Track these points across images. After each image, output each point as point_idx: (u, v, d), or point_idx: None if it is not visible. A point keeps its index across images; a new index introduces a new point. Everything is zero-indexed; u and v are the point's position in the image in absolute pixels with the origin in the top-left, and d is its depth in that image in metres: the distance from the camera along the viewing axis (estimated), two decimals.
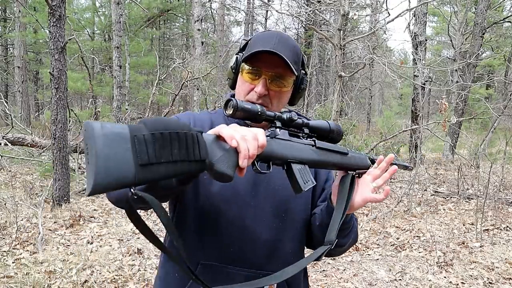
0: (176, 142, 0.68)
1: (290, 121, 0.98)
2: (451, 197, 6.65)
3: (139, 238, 4.43)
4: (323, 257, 1.09)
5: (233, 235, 1.07)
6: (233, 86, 1.18)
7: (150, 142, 0.65)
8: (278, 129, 0.95)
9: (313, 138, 1.01)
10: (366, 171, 1.09)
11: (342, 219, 1.03)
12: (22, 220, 4.78)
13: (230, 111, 0.89)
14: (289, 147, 0.94)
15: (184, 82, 7.24)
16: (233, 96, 1.21)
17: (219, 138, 0.80)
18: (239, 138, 0.78)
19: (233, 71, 1.15)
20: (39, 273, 3.48)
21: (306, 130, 1.02)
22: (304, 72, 1.16)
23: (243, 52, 1.13)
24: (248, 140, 0.79)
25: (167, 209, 0.90)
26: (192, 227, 1.10)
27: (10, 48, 20.45)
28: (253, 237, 1.09)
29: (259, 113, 0.91)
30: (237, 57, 1.15)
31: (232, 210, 1.09)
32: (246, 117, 0.90)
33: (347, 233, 1.12)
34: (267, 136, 0.90)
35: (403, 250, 4.45)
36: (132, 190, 0.63)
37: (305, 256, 1.11)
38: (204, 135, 0.77)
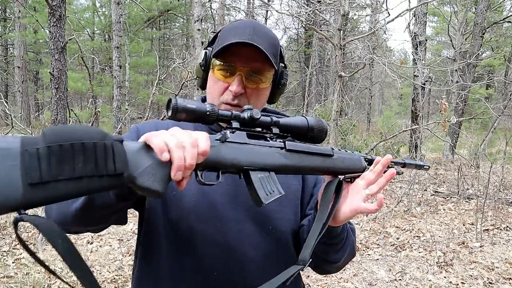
0: (80, 155, 0.58)
1: (252, 120, 0.83)
2: (451, 197, 6.65)
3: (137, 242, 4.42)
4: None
5: (215, 256, 0.93)
6: (203, 85, 1.03)
7: (44, 156, 0.54)
8: (229, 131, 0.80)
9: (285, 139, 0.87)
10: (360, 175, 0.93)
11: (321, 233, 0.88)
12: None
13: (169, 113, 0.74)
14: (246, 151, 0.80)
15: (184, 82, 7.24)
16: (204, 99, 1.07)
17: (147, 146, 0.67)
18: (174, 145, 0.66)
19: (202, 68, 1.00)
20: (39, 273, 3.48)
21: (276, 130, 0.86)
22: (283, 65, 1.02)
23: (214, 46, 0.98)
24: (185, 147, 0.66)
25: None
26: (164, 249, 0.96)
27: (10, 48, 20.45)
28: (238, 257, 0.95)
29: (208, 113, 0.77)
30: (206, 52, 0.99)
31: (210, 228, 0.95)
32: (192, 119, 0.77)
33: (340, 247, 0.98)
34: (216, 140, 0.76)
35: (403, 250, 4.45)
36: (18, 213, 0.53)
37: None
38: (127, 143, 0.66)
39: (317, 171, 0.90)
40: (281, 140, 0.86)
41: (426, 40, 11.14)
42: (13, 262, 3.69)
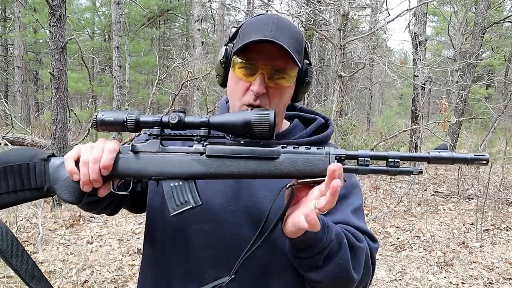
0: (12, 174, 0.78)
1: (177, 123, 0.78)
2: (451, 197, 6.65)
3: (139, 238, 4.43)
4: None
5: (206, 258, 0.89)
6: (223, 83, 0.99)
7: None
8: (141, 141, 0.80)
9: (208, 142, 0.79)
10: (323, 180, 0.72)
11: (255, 244, 0.82)
12: (22, 220, 4.78)
13: (95, 127, 0.80)
14: (155, 161, 0.78)
15: (184, 82, 7.24)
16: (227, 101, 1.05)
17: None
18: (80, 162, 0.75)
19: (223, 65, 0.95)
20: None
21: (204, 131, 0.79)
22: (308, 62, 0.96)
23: (235, 43, 0.94)
24: (88, 164, 0.74)
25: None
26: (161, 247, 0.96)
27: (10, 48, 20.45)
28: (231, 262, 0.89)
29: (125, 122, 0.78)
30: (226, 49, 0.94)
31: (204, 230, 0.92)
32: (114, 129, 0.79)
33: (314, 266, 0.82)
34: (129, 151, 0.78)
35: (403, 250, 4.45)
36: None
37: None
38: (55, 159, 0.81)
39: (253, 176, 0.77)
40: (204, 143, 0.79)
41: (426, 40, 11.14)
42: None
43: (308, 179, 0.75)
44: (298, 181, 0.76)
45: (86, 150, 0.77)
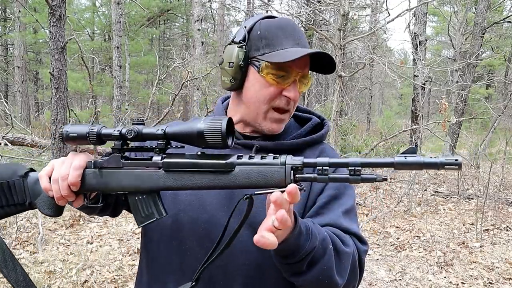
0: None
1: (133, 138, 0.78)
2: (451, 197, 6.65)
3: (139, 238, 4.42)
4: None
5: (199, 259, 0.87)
6: (239, 86, 0.96)
7: None
8: (102, 157, 0.83)
9: (164, 156, 0.79)
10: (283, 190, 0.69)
11: (216, 252, 0.80)
12: (22, 220, 4.78)
13: (62, 141, 0.84)
14: (117, 176, 0.80)
15: (184, 82, 7.24)
16: (225, 99, 1.08)
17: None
18: (52, 179, 0.81)
19: (242, 69, 0.93)
20: (39, 273, 3.48)
21: (161, 144, 0.79)
22: None
23: (255, 45, 0.93)
24: (58, 181, 0.80)
25: None
26: (156, 246, 0.98)
27: (10, 48, 20.45)
28: (224, 262, 0.90)
29: (88, 136, 0.80)
30: (245, 52, 0.92)
31: (198, 229, 0.92)
32: (79, 143, 0.82)
33: (295, 272, 0.81)
34: (92, 167, 0.81)
35: (403, 250, 4.45)
36: None
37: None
38: (33, 174, 0.88)
39: (211, 188, 0.76)
40: (162, 156, 0.79)
41: (426, 40, 11.14)
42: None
43: (264, 191, 0.72)
44: (255, 192, 0.74)
45: (57, 167, 0.82)
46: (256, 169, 0.73)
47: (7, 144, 6.91)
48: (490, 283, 3.66)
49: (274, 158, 0.73)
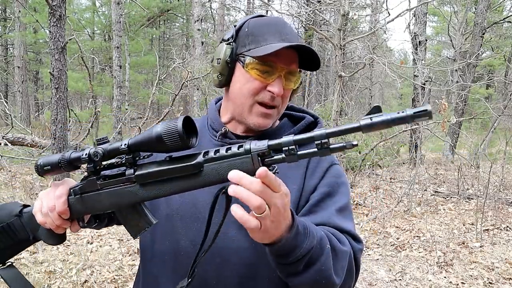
0: (2, 234, 0.91)
1: (100, 160, 0.78)
2: (451, 197, 6.65)
3: (139, 238, 4.42)
4: None
5: (192, 259, 0.86)
6: (226, 83, 0.98)
7: None
8: (81, 182, 0.84)
9: (136, 170, 0.78)
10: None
11: (202, 249, 0.81)
12: None
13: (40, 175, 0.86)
14: (98, 198, 0.81)
15: (184, 82, 7.24)
16: (219, 100, 1.08)
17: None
18: (43, 213, 0.84)
19: (229, 65, 0.95)
20: (39, 273, 3.48)
21: (129, 158, 0.78)
22: None
23: (242, 42, 0.95)
24: (48, 213, 0.83)
25: None
26: (150, 246, 1.00)
27: (10, 48, 20.45)
28: (217, 262, 0.90)
29: (60, 164, 0.81)
30: (232, 49, 0.95)
31: (190, 228, 0.93)
32: (57, 173, 0.84)
33: (292, 272, 0.79)
34: (76, 194, 0.83)
35: (403, 250, 4.45)
36: None
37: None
38: (27, 209, 0.91)
39: (187, 191, 0.76)
40: (133, 171, 0.78)
41: (426, 40, 11.14)
42: (13, 262, 3.69)
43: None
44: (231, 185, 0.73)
45: (44, 200, 0.85)
46: (224, 163, 0.71)
47: (7, 144, 6.91)
48: (490, 283, 3.66)
49: (239, 147, 0.70)
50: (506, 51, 15.73)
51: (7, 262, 0.95)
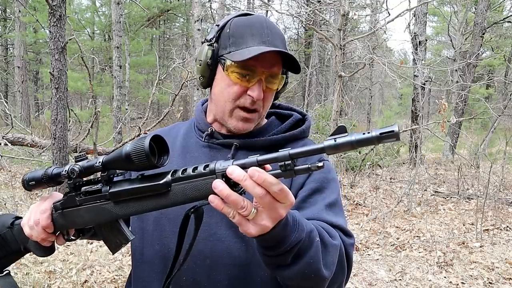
0: None
1: (77, 177, 0.81)
2: (451, 197, 6.64)
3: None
4: None
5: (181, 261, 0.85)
6: (208, 84, 0.99)
7: None
8: (62, 199, 0.86)
9: (109, 188, 0.79)
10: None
11: (174, 272, 0.83)
12: None
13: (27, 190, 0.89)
14: (78, 214, 0.84)
15: (184, 82, 7.24)
16: (205, 101, 1.09)
17: None
18: (29, 226, 0.87)
19: (210, 67, 0.95)
20: (39, 273, 3.48)
21: (105, 176, 0.79)
22: None
23: (223, 44, 0.94)
24: (33, 227, 0.86)
25: None
26: (140, 251, 1.00)
27: (10, 48, 20.45)
28: (208, 264, 0.90)
29: (42, 179, 0.84)
30: (213, 50, 0.94)
31: (175, 229, 0.91)
32: (43, 188, 0.87)
33: (280, 265, 0.77)
34: (57, 210, 0.86)
35: (403, 250, 4.45)
36: None
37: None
38: (18, 222, 0.94)
39: (155, 209, 0.77)
40: (108, 187, 0.80)
41: (426, 40, 11.14)
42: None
43: (204, 202, 0.72)
44: (196, 206, 0.79)
45: (32, 214, 0.88)
46: (190, 184, 0.71)
47: (7, 144, 6.91)
48: (490, 283, 3.66)
49: (205, 167, 0.70)
50: (506, 51, 15.73)
51: (5, 271, 0.99)
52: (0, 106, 8.65)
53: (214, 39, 0.96)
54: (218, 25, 0.97)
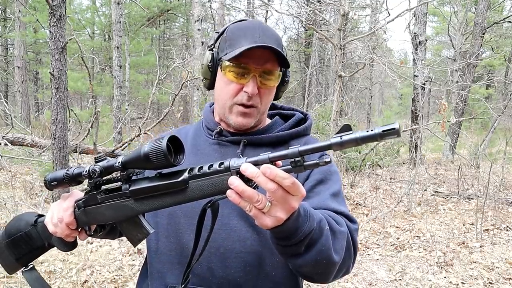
0: (20, 242, 1.01)
1: (98, 177, 0.85)
2: (451, 197, 6.65)
3: None
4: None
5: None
6: (211, 86, 1.08)
7: (9, 247, 1.02)
8: (84, 197, 0.91)
9: (130, 185, 0.83)
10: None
11: (193, 263, 0.88)
12: None
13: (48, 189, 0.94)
14: (100, 211, 0.88)
15: (184, 82, 7.24)
16: (213, 104, 1.16)
17: None
18: (53, 223, 0.92)
19: (210, 70, 1.04)
20: (39, 273, 3.48)
21: (124, 175, 0.83)
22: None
23: (221, 47, 1.02)
24: (57, 224, 0.91)
25: None
26: (155, 243, 1.05)
27: (10, 48, 20.45)
28: (222, 252, 0.95)
29: (64, 179, 0.88)
30: (212, 54, 1.03)
31: (193, 223, 0.93)
32: (63, 187, 0.91)
33: (293, 254, 0.82)
34: (79, 208, 0.91)
35: (403, 250, 4.45)
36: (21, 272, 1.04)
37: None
38: (41, 219, 1.00)
39: (174, 205, 0.81)
40: (128, 186, 0.84)
41: (426, 40, 11.13)
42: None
43: (220, 196, 0.78)
44: (213, 200, 0.83)
45: (54, 212, 0.93)
46: (206, 180, 0.75)
47: (7, 144, 6.91)
48: (490, 283, 3.66)
49: (220, 164, 0.74)
50: (506, 51, 15.73)
51: (30, 265, 1.04)
52: (0, 106, 8.65)
53: (214, 44, 1.05)
54: (217, 32, 1.06)
